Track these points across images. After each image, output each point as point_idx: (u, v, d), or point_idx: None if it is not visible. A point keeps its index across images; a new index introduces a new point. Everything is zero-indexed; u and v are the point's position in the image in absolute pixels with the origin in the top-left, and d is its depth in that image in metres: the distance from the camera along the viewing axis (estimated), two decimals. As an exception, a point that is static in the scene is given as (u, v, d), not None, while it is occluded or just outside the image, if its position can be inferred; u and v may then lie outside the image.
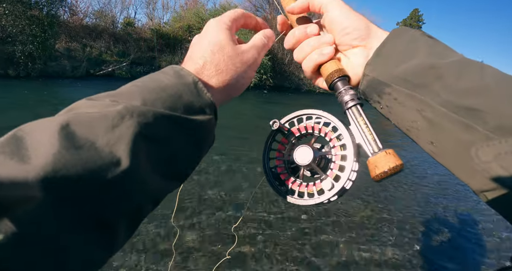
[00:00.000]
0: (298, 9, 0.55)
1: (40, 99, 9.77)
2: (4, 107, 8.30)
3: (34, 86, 11.80)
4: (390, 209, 4.16)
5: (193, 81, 0.42)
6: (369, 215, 3.93)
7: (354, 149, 0.48)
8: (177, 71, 0.43)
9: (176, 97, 0.39)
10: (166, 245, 2.86)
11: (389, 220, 3.86)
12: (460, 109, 0.38)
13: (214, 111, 0.44)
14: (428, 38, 0.47)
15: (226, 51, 0.47)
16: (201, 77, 0.44)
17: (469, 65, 0.41)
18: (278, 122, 0.55)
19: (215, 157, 5.13)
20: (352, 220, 3.69)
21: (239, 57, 0.48)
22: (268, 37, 0.54)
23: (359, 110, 0.49)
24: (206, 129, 0.42)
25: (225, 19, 0.50)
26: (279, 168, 0.57)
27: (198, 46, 0.47)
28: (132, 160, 0.31)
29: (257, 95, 15.93)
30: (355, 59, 0.52)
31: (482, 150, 0.36)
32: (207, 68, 0.45)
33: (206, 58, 0.46)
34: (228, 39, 0.48)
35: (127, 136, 0.32)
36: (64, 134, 0.29)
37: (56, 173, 0.26)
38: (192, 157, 0.43)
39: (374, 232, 3.55)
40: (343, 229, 3.48)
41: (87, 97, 0.36)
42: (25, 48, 13.96)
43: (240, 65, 0.48)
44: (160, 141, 0.36)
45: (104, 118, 0.32)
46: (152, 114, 0.35)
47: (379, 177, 0.43)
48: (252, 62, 0.50)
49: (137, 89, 0.38)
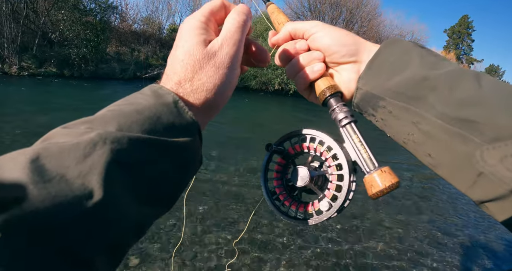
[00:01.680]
0: (282, 40, 0.56)
1: (90, 98, 10.44)
2: (59, 104, 8.85)
3: (86, 86, 12.51)
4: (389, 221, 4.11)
5: (173, 100, 0.39)
6: (372, 230, 3.86)
7: (349, 169, 0.48)
8: (155, 90, 0.40)
9: (155, 119, 0.36)
10: (164, 255, 2.87)
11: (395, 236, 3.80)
12: (456, 121, 0.38)
13: (198, 130, 0.41)
14: (420, 48, 0.46)
15: (197, 58, 0.41)
16: (181, 93, 0.41)
17: (463, 75, 0.40)
18: (272, 146, 0.55)
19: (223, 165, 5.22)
20: (353, 233, 3.68)
21: (211, 62, 0.42)
22: (243, 12, 0.46)
23: (353, 128, 0.48)
24: (189, 150, 0.39)
25: (198, 15, 0.45)
26: (277, 188, 0.57)
27: (172, 58, 0.43)
28: (105, 190, 0.29)
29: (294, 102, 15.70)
30: (346, 74, 0.52)
31: (487, 152, 0.35)
32: (183, 84, 0.41)
33: (179, 73, 0.41)
34: (198, 43, 0.42)
35: (99, 165, 0.29)
36: (33, 168, 0.27)
37: (24, 210, 0.25)
38: (177, 181, 0.39)
39: (382, 249, 3.48)
40: (344, 242, 3.48)
41: (63, 125, 0.34)
42: (79, 51, 15.00)
43: (214, 73, 0.42)
44: (138, 167, 0.33)
45: (75, 147, 0.30)
46: (127, 139, 0.32)
47: (376, 196, 0.43)
48: (229, 62, 0.43)
49: (112, 114, 0.35)
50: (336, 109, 0.50)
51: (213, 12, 0.46)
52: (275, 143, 0.56)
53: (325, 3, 22.41)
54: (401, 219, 4.19)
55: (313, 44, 0.53)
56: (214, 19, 0.46)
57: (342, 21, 23.06)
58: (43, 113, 7.50)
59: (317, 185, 0.53)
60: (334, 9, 22.65)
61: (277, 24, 0.61)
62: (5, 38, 14.00)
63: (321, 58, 0.52)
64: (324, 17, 22.85)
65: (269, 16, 0.64)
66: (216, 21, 0.47)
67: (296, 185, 0.51)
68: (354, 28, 23.29)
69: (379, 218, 4.15)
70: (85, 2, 16.11)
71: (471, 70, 0.42)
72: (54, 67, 14.79)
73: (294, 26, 0.55)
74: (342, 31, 0.52)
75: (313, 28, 0.52)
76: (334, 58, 0.51)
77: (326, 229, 3.62)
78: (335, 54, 0.51)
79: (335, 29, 0.52)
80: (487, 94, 0.37)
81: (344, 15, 22.97)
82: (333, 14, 22.75)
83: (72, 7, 15.08)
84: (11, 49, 14.07)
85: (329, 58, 0.52)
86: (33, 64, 14.37)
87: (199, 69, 0.41)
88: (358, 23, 23.49)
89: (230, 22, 0.45)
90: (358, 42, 0.51)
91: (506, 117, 0.35)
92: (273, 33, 0.58)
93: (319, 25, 0.53)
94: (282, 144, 0.57)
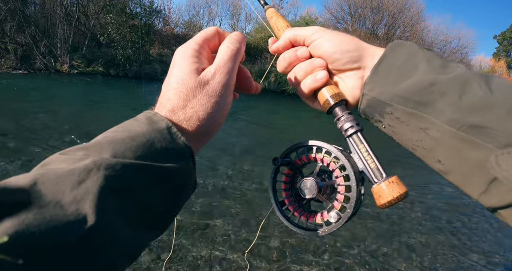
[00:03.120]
0: (282, 48, 0.54)
1: (133, 96, 10.80)
2: (104, 100, 9.19)
3: (130, 85, 12.93)
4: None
5: (166, 126, 0.40)
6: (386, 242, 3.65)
7: (357, 180, 0.47)
8: (149, 117, 0.41)
9: (148, 145, 0.37)
10: (176, 267, 2.74)
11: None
12: (467, 127, 0.37)
13: (191, 155, 0.41)
14: (426, 51, 0.45)
15: (190, 87, 0.42)
16: (174, 121, 0.42)
17: (472, 79, 0.39)
18: (279, 159, 0.55)
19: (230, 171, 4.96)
20: (368, 243, 3.45)
21: (203, 90, 0.43)
22: (237, 40, 0.47)
23: (359, 138, 0.47)
24: (182, 175, 0.40)
25: (192, 44, 0.45)
26: (286, 199, 0.56)
27: (166, 86, 0.44)
28: (99, 216, 0.30)
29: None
30: (350, 81, 0.50)
31: (502, 157, 0.34)
32: (176, 112, 0.42)
33: (173, 101, 0.42)
34: (190, 71, 0.43)
35: (93, 191, 0.30)
36: (30, 194, 0.28)
37: (19, 234, 0.26)
38: (169, 205, 0.40)
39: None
40: (356, 251, 3.29)
41: (60, 151, 0.35)
42: (125, 52, 15.77)
43: (206, 101, 0.43)
44: (132, 193, 0.34)
45: (71, 174, 0.31)
46: (121, 166, 0.33)
47: (384, 206, 0.43)
48: (221, 90, 0.44)
49: (107, 140, 0.36)
50: (342, 118, 0.49)
51: (207, 40, 0.47)
52: (281, 156, 0.56)
53: (366, 7, 21.92)
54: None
55: (314, 52, 0.51)
56: (208, 46, 0.47)
57: (384, 26, 22.43)
58: (90, 108, 7.95)
59: (326, 194, 0.53)
60: (376, 14, 22.08)
61: (276, 30, 0.59)
62: (58, 39, 14.97)
63: (323, 65, 0.51)
64: (364, 22, 22.38)
65: (268, 21, 0.63)
66: (210, 48, 0.48)
67: (305, 197, 0.51)
68: (396, 34, 22.56)
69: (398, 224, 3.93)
70: (132, 7, 16.88)
71: (480, 73, 0.40)
72: (101, 67, 15.65)
73: (294, 33, 0.53)
74: (344, 36, 0.50)
75: (313, 34, 0.51)
76: (337, 66, 0.50)
77: (338, 240, 3.43)
78: (337, 62, 0.49)
79: (337, 35, 0.50)
80: (498, 99, 0.36)
81: (385, 20, 22.33)
82: (374, 18, 22.18)
83: (119, 11, 15.86)
84: (64, 49, 15.00)
85: (332, 65, 0.50)
86: (82, 63, 15.28)
87: (192, 98, 0.42)
88: (400, 28, 22.68)
89: (223, 50, 0.46)
90: (361, 47, 0.49)
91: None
92: (273, 41, 0.56)
93: (320, 31, 0.51)
94: (288, 155, 0.56)
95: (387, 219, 4.04)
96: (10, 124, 5.99)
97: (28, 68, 13.90)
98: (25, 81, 11.41)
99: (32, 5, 15.78)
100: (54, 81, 12.32)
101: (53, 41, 14.93)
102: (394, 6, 21.77)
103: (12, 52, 13.67)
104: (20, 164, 4.39)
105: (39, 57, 14.14)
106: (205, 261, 2.84)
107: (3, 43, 13.75)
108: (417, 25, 22.74)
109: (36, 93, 9.54)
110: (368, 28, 22.37)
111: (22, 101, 8.10)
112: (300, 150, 0.55)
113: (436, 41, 23.74)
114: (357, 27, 22.43)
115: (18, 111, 7.03)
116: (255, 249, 3.06)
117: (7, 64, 13.44)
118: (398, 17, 22.16)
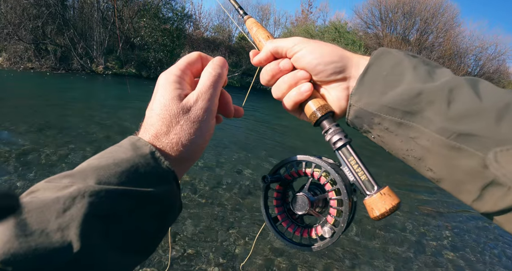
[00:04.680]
0: (264, 61, 0.53)
1: None
2: (136, 100, 9.41)
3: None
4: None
5: (150, 151, 0.40)
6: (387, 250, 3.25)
7: (348, 193, 0.47)
8: (133, 142, 0.41)
9: (132, 171, 0.37)
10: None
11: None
12: (457, 136, 0.36)
13: (175, 179, 0.41)
14: (412, 58, 0.44)
15: (173, 113, 0.42)
16: (157, 146, 0.42)
17: (459, 86, 0.38)
18: (268, 178, 0.53)
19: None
20: (365, 254, 3.35)
21: (185, 116, 0.43)
22: (219, 66, 0.47)
23: (349, 150, 0.47)
24: (167, 199, 0.40)
25: (174, 70, 0.46)
26: (279, 215, 0.55)
27: (149, 111, 0.44)
28: (84, 242, 0.30)
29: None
30: (336, 92, 0.49)
31: (501, 154, 0.34)
32: (159, 138, 0.42)
33: (156, 127, 0.42)
34: (173, 97, 0.43)
35: (78, 218, 0.31)
36: (16, 223, 0.29)
37: (6, 262, 0.26)
38: (155, 229, 0.40)
39: None
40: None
41: (46, 179, 0.36)
42: (156, 55, 16.28)
43: (189, 127, 0.43)
44: (116, 218, 0.34)
45: (56, 202, 0.31)
46: (105, 192, 0.34)
47: (378, 219, 0.43)
48: (203, 115, 0.44)
49: (92, 167, 0.36)
50: (329, 131, 0.48)
51: (190, 65, 0.47)
52: (269, 174, 0.55)
53: (398, 12, 21.47)
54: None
55: (297, 64, 0.50)
56: (191, 71, 0.48)
57: (416, 31, 21.86)
58: (122, 108, 8.14)
59: (319, 207, 0.52)
60: (407, 19, 21.57)
61: (257, 41, 0.58)
62: (94, 41, 15.56)
63: (307, 77, 0.49)
64: (396, 27, 21.91)
65: (249, 31, 0.61)
66: (193, 73, 0.48)
67: (298, 213, 0.51)
68: (429, 39, 21.93)
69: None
70: (164, 11, 17.37)
71: (468, 79, 0.40)
72: (133, 68, 16.11)
73: (275, 45, 0.51)
74: (326, 47, 0.48)
75: (294, 46, 0.49)
76: (322, 77, 0.48)
77: (337, 251, 3.30)
78: (321, 74, 0.48)
79: (319, 46, 0.48)
80: (486, 105, 0.36)
81: (418, 25, 21.76)
82: (405, 24, 21.67)
83: (152, 16, 16.38)
84: (99, 51, 15.56)
85: (316, 77, 0.49)
86: (116, 64, 15.79)
87: (175, 124, 0.42)
88: (433, 33, 22.01)
89: (205, 76, 0.46)
90: (345, 57, 0.47)
91: (508, 128, 0.34)
92: (254, 53, 0.54)
93: (301, 42, 0.49)
94: (278, 172, 0.55)
95: (383, 227, 3.93)
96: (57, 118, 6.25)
97: (66, 68, 14.48)
98: (64, 80, 11.93)
99: (71, 10, 16.49)
100: (89, 81, 12.80)
101: (89, 44, 15.51)
102: (427, 11, 21.21)
103: (52, 53, 14.30)
104: (68, 155, 4.54)
105: (77, 58, 14.71)
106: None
107: (44, 45, 14.42)
108: (451, 30, 21.99)
109: (75, 91, 9.95)
110: (399, 34, 21.87)
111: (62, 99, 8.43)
112: (289, 165, 0.54)
113: (471, 48, 22.82)
114: (388, 32, 21.99)
115: (60, 107, 7.34)
116: (250, 263, 2.95)
117: (47, 64, 14.06)
118: (431, 22, 21.54)
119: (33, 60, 13.87)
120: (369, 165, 0.46)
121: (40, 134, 5.15)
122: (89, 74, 14.55)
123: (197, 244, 3.06)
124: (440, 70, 0.42)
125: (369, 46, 20.97)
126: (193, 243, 3.06)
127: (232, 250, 3.08)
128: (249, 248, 3.07)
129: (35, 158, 4.29)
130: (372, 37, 22.08)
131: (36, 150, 4.50)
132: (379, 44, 21.41)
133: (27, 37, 13.87)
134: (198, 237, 3.17)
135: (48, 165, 4.17)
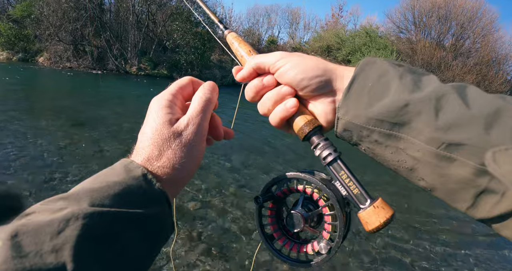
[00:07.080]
0: (248, 77, 0.52)
1: None
2: None
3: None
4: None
5: (142, 174, 0.40)
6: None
7: (342, 208, 0.47)
8: (125, 165, 0.42)
9: (125, 193, 0.38)
10: None
11: None
12: (447, 146, 0.36)
13: (167, 200, 0.42)
14: (397, 67, 0.44)
15: (164, 137, 0.43)
16: (150, 168, 0.42)
17: (447, 95, 0.38)
18: (260, 198, 0.53)
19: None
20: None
21: (176, 140, 0.44)
22: (209, 90, 0.49)
23: (339, 165, 0.46)
24: (159, 220, 0.41)
25: (166, 95, 0.47)
26: (275, 233, 0.55)
27: (142, 135, 0.45)
28: (77, 263, 0.31)
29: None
30: (322, 106, 0.48)
31: (499, 154, 0.34)
32: (151, 161, 0.43)
33: (148, 150, 0.43)
34: (164, 122, 0.44)
35: (71, 240, 0.32)
36: (11, 244, 0.30)
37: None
38: (147, 250, 0.40)
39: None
40: None
41: (41, 202, 0.36)
42: (187, 57, 16.60)
43: (180, 151, 0.44)
44: (109, 239, 0.35)
45: (50, 224, 0.32)
46: (98, 214, 0.35)
47: (373, 232, 0.43)
48: (194, 139, 0.45)
49: (85, 190, 0.37)
50: (318, 146, 0.47)
51: (181, 89, 0.48)
52: (261, 193, 0.54)
53: (432, 16, 20.85)
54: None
55: (281, 79, 0.49)
56: (182, 95, 0.49)
57: (451, 36, 21.14)
58: None
59: (313, 222, 0.52)
60: (443, 23, 20.90)
61: (239, 56, 0.57)
62: (129, 43, 16.09)
63: (291, 93, 0.48)
64: (430, 31, 21.27)
65: (230, 46, 0.60)
66: (184, 97, 0.49)
67: (293, 231, 0.51)
68: (465, 45, 21.13)
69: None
70: (196, 15, 17.62)
71: (455, 86, 0.39)
72: (165, 70, 16.54)
73: (257, 61, 0.50)
74: (309, 60, 0.47)
75: (277, 62, 0.48)
76: (307, 92, 0.47)
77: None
78: (306, 89, 0.47)
79: (301, 60, 0.47)
80: (474, 113, 0.36)
81: (453, 29, 21.03)
82: (440, 28, 21.00)
83: (185, 19, 16.73)
84: (133, 52, 16.07)
85: (301, 92, 0.48)
86: (149, 66, 16.26)
87: (167, 148, 0.43)
88: (470, 39, 21.20)
89: (196, 100, 0.47)
90: (328, 70, 0.47)
91: (499, 137, 0.34)
92: (237, 70, 0.53)
93: (283, 58, 0.48)
94: (269, 190, 0.55)
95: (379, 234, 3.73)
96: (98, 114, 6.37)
97: (102, 68, 15.04)
98: (101, 80, 12.33)
99: (108, 13, 17.12)
100: (124, 81, 13.22)
101: (124, 45, 16.04)
102: (464, 15, 20.46)
103: (89, 54, 14.92)
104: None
105: (112, 59, 15.25)
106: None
107: (82, 46, 15.02)
108: (489, 35, 21.09)
109: (109, 90, 10.35)
110: (433, 39, 21.20)
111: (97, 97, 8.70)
112: (280, 182, 0.53)
113: (511, 54, 21.77)
114: (422, 37, 21.35)
115: (95, 105, 7.66)
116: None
117: (84, 64, 14.67)
118: (468, 26, 20.76)
119: (71, 60, 14.55)
120: (361, 172, 0.39)
121: (76, 130, 5.38)
122: (123, 75, 15.00)
123: (194, 265, 2.98)
124: (426, 78, 0.42)
125: (402, 51, 20.42)
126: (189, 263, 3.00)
127: (232, 268, 3.01)
128: (249, 266, 3.02)
129: (71, 152, 4.49)
130: (405, 42, 21.52)
131: (73, 144, 4.74)
132: (412, 49, 20.81)
133: (66, 38, 14.55)
134: (195, 257, 3.07)
135: (83, 158, 4.34)
